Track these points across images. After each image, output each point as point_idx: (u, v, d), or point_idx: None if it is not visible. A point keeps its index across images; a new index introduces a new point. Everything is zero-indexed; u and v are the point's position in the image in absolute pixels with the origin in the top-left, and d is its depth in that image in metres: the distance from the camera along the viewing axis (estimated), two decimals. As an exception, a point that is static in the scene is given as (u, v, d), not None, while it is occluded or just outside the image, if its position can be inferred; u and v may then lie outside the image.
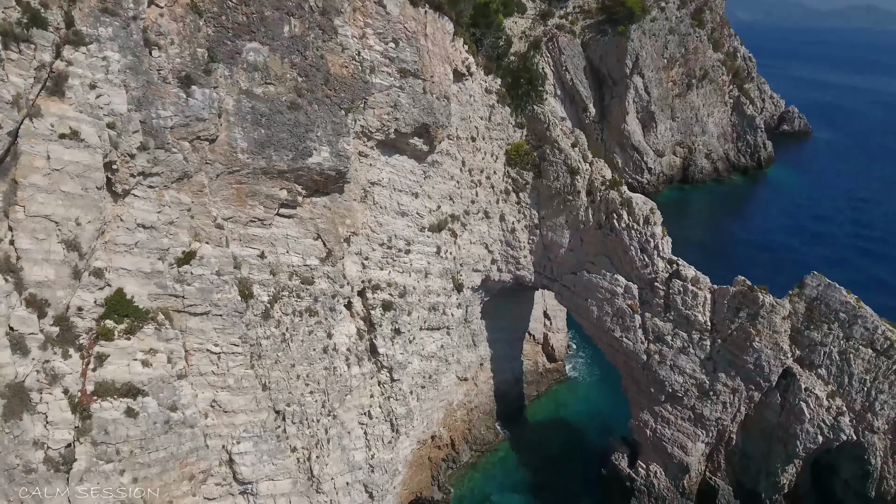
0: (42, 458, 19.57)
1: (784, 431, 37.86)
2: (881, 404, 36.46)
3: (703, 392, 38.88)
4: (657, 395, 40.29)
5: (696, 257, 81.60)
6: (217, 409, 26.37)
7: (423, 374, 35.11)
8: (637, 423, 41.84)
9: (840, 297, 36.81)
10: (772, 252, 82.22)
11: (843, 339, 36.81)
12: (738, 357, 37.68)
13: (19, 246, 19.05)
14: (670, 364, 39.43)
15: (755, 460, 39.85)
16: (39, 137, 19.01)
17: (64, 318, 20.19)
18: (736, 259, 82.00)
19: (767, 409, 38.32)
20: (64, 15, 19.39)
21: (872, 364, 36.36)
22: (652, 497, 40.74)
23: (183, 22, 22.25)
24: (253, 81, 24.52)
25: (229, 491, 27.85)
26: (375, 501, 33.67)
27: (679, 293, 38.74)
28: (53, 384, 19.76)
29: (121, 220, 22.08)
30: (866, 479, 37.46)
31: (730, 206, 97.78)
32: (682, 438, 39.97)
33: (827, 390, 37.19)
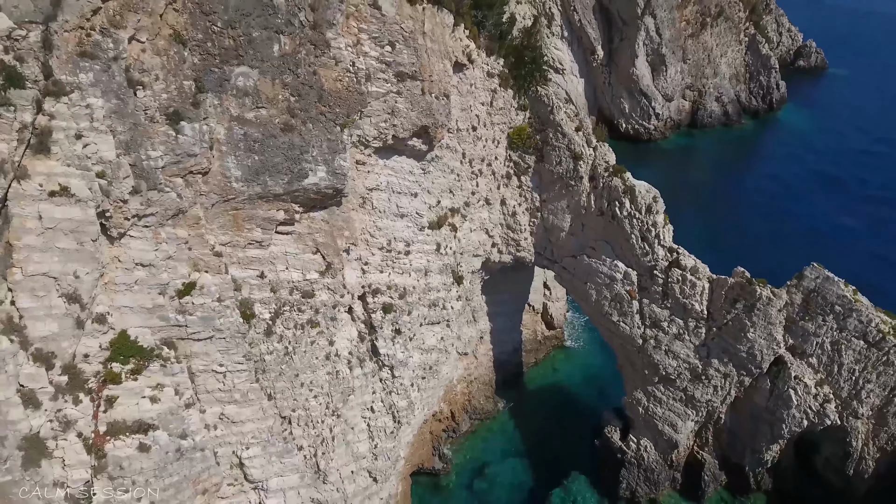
0: (63, 497, 20.72)
1: (771, 414, 39.35)
2: (867, 393, 37.66)
3: (696, 376, 40.04)
4: (651, 376, 41.52)
5: (697, 210, 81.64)
6: (225, 421, 27.52)
7: (423, 367, 36.15)
8: (630, 401, 43.40)
9: (837, 291, 37.04)
10: (775, 207, 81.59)
11: (836, 330, 37.43)
12: (731, 345, 38.48)
13: (20, 305, 19.24)
14: (665, 349, 40.35)
15: (742, 438, 41.71)
16: (29, 199, 18.71)
17: (71, 366, 20.72)
18: (738, 213, 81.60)
19: (757, 392, 39.62)
20: (41, 66, 18.48)
21: (863, 355, 37.19)
22: (642, 469, 42.97)
23: (167, 55, 21.15)
24: (244, 107, 23.64)
25: (241, 489, 29.58)
26: (379, 483, 35.75)
27: (678, 282, 38.97)
28: (67, 430, 20.60)
29: (119, 260, 22.09)
30: (846, 459, 39.36)
31: (736, 154, 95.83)
32: (673, 417, 41.61)
33: (816, 378, 38.30)
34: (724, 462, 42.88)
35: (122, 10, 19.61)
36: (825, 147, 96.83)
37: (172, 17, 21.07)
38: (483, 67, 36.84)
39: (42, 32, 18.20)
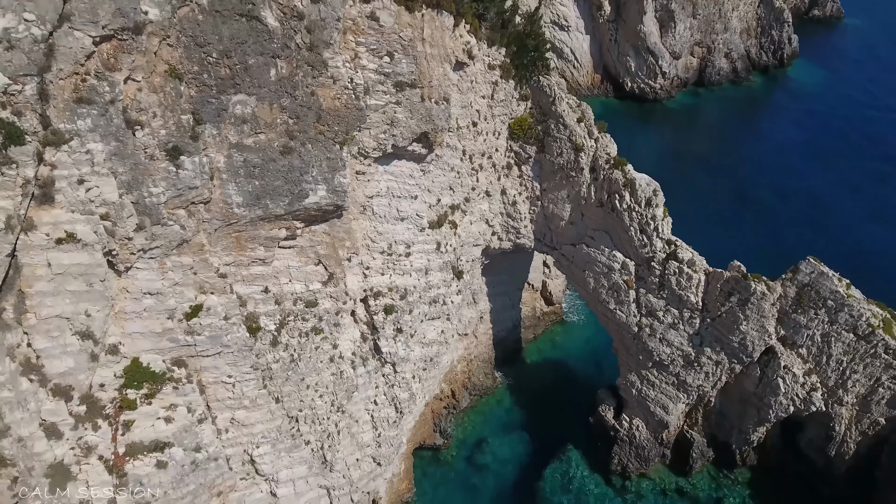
0: (88, 510, 22.30)
1: (759, 400, 40.92)
2: (853, 382, 39.00)
3: (688, 362, 41.36)
4: (645, 361, 42.87)
5: (698, 175, 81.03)
6: (236, 425, 28.97)
7: (424, 359, 37.39)
8: (624, 383, 44.99)
9: (830, 286, 37.70)
10: (776, 177, 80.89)
11: (827, 323, 38.34)
12: (724, 335, 39.55)
13: (36, 346, 20.09)
14: (659, 337, 41.48)
15: (730, 419, 43.51)
16: (37, 248, 19.19)
17: (88, 396, 21.80)
18: (740, 179, 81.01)
19: (747, 379, 41.02)
20: (39, 117, 18.50)
21: (852, 347, 38.26)
22: (633, 446, 45.06)
23: (163, 91, 21.00)
24: (242, 133, 23.61)
25: (253, 481, 31.41)
26: (383, 467, 37.82)
27: (674, 274, 39.60)
28: (89, 455, 21.93)
29: (127, 291, 22.76)
30: (829, 441, 41.21)
31: (740, 116, 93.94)
32: (665, 400, 43.27)
33: (805, 368, 39.56)
34: (712, 440, 44.89)
35: (115, 52, 19.36)
36: (832, 108, 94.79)
37: (167, 53, 20.77)
38: (484, 60, 36.09)
39: (38, 84, 18.11)
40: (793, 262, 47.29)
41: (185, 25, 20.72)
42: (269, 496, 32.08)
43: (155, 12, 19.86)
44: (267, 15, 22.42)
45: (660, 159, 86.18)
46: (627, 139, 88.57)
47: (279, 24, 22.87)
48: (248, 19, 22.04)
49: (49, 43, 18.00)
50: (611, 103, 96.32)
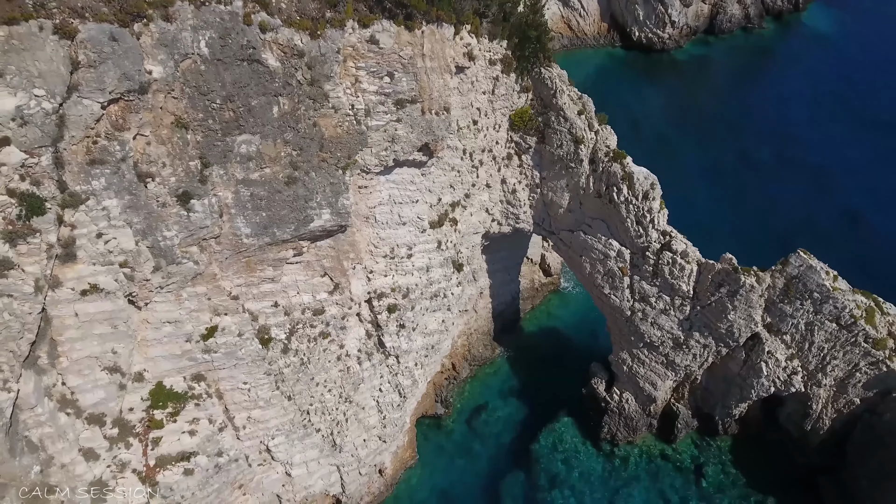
0: (127, 515, 25.05)
1: (743, 380, 43.36)
2: (833, 367, 41.15)
3: (678, 345, 43.50)
4: (636, 342, 45.04)
5: (700, 133, 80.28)
6: (252, 422, 31.45)
7: (426, 348, 39.51)
8: (616, 359, 47.40)
9: (817, 280, 39.03)
10: (783, 132, 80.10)
11: (812, 313, 39.98)
12: (712, 322, 41.41)
13: (70, 384, 21.98)
14: (651, 321, 43.40)
15: (714, 395, 46.19)
16: (65, 302, 20.61)
17: (119, 419, 23.95)
18: (743, 137, 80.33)
19: (732, 361, 43.29)
20: (56, 183, 19.39)
21: (833, 335, 40.11)
22: (622, 417, 48.09)
23: (170, 142, 21.66)
24: (248, 170, 24.38)
25: (270, 466, 34.35)
26: (387, 443, 40.93)
27: (668, 264, 40.92)
28: (123, 470, 24.36)
29: (147, 322, 24.39)
30: (806, 417, 43.95)
31: (750, 69, 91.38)
32: (654, 377, 45.81)
33: (787, 353, 41.64)
34: (697, 412, 47.83)
35: (123, 112, 19.92)
36: (845, 60, 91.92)
37: (172, 105, 21.25)
38: (485, 56, 35.78)
39: (52, 154, 18.88)
40: (785, 231, 47.93)
41: (188, 77, 21.07)
42: (284, 476, 35.19)
43: (159, 70, 20.22)
44: (268, 57, 22.62)
45: (663, 115, 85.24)
46: (631, 94, 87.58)
47: (280, 63, 23.09)
48: (250, 63, 22.29)
49: (60, 114, 18.61)
50: (617, 54, 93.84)
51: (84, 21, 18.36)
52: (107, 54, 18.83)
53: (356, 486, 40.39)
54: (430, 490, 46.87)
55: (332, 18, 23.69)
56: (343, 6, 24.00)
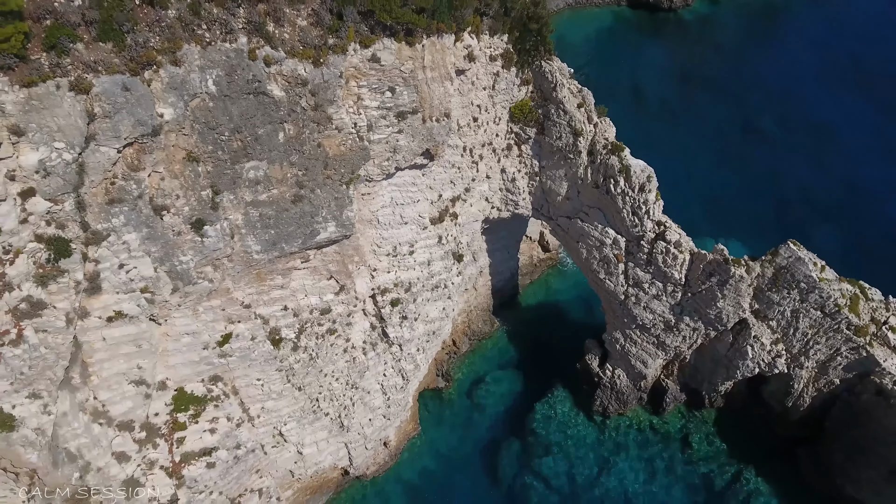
0: (157, 503, 27.66)
1: (729, 361, 45.56)
2: (815, 351, 43.21)
3: (669, 328, 45.48)
4: (629, 323, 47.02)
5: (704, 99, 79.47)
6: (266, 411, 33.85)
7: (427, 334, 41.51)
8: (609, 338, 49.53)
9: (805, 271, 40.44)
10: (787, 96, 79.30)
11: (798, 301, 41.64)
12: (702, 308, 43.18)
13: (101, 398, 23.99)
14: (644, 305, 45.18)
15: (702, 373, 48.58)
16: (93, 329, 22.28)
17: (146, 424, 26.14)
18: (747, 101, 79.60)
19: (720, 343, 45.36)
20: (80, 224, 20.63)
21: (817, 322, 41.93)
22: (614, 391, 50.71)
23: (183, 175, 22.70)
24: (257, 192, 25.47)
25: (283, 447, 37.06)
26: (391, 420, 43.67)
27: (662, 253, 42.25)
28: (152, 467, 26.77)
29: (167, 335, 26.16)
30: (787, 395, 46.42)
31: (759, 31, 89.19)
32: (645, 356, 48.06)
33: (772, 338, 43.59)
34: (685, 387, 50.39)
35: (138, 154, 20.91)
36: (856, 22, 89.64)
37: (183, 141, 22.16)
38: (485, 52, 35.93)
39: (74, 199, 20.03)
40: (785, 200, 48.78)
41: (197, 115, 21.89)
42: (296, 454, 38.01)
43: (170, 112, 21.04)
44: (273, 88, 23.29)
45: (667, 78, 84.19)
46: (635, 55, 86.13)
47: (284, 93, 23.77)
48: (256, 95, 23.01)
49: (79, 163, 19.64)
50: (622, 13, 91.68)
51: (97, 75, 19.07)
52: (120, 104, 19.65)
53: (363, 459, 43.41)
54: (432, 457, 50.10)
55: (335, 45, 24.14)
56: (345, 31, 24.38)
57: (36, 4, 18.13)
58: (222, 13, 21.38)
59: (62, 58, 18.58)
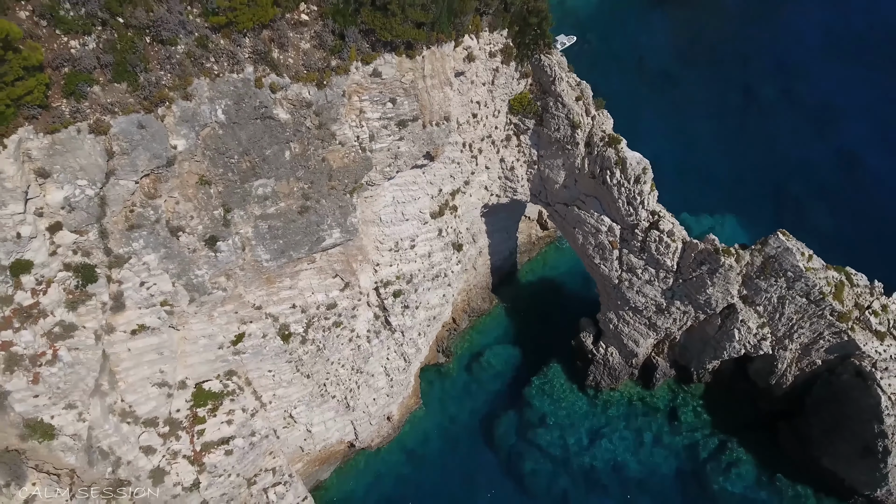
0: (182, 487, 30.25)
1: (717, 342, 47.72)
2: (799, 335, 45.27)
3: (660, 310, 47.43)
4: (622, 305, 48.96)
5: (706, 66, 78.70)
6: (277, 398, 36.22)
7: (428, 319, 43.47)
8: (603, 318, 51.60)
9: (792, 261, 41.94)
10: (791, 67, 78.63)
11: (784, 288, 43.35)
12: (693, 293, 44.98)
13: (128, 400, 26.08)
14: (636, 290, 46.99)
15: (691, 352, 50.86)
16: (119, 342, 24.11)
17: (169, 419, 28.37)
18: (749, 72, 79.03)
19: (709, 325, 47.41)
20: (103, 250, 22.11)
21: (802, 308, 43.77)
22: (607, 368, 53.17)
23: (196, 198, 23.97)
24: (265, 207, 26.77)
25: (294, 427, 39.68)
26: (394, 398, 46.27)
27: (655, 241, 43.71)
28: (176, 457, 29.16)
29: (185, 339, 28.05)
30: (771, 374, 48.80)
31: None
32: (637, 336, 50.23)
33: (759, 322, 45.54)
34: (674, 364, 52.82)
35: (154, 183, 22.15)
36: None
37: (195, 167, 23.32)
38: (485, 49, 36.33)
39: (98, 228, 21.43)
40: (782, 173, 49.62)
41: (208, 142, 22.97)
42: (305, 433, 40.71)
43: (182, 143, 22.14)
44: (279, 112, 24.25)
45: (669, 47, 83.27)
46: (639, 24, 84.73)
47: (290, 115, 24.71)
48: (263, 119, 23.99)
49: (101, 196, 20.92)
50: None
51: (114, 116, 20.07)
52: (137, 141, 20.74)
53: (367, 433, 46.25)
54: (433, 428, 53.09)
55: (338, 66, 24.89)
56: (346, 52, 25.06)
57: (54, 53, 18.99)
58: (229, 44, 22.13)
59: (81, 102, 19.56)
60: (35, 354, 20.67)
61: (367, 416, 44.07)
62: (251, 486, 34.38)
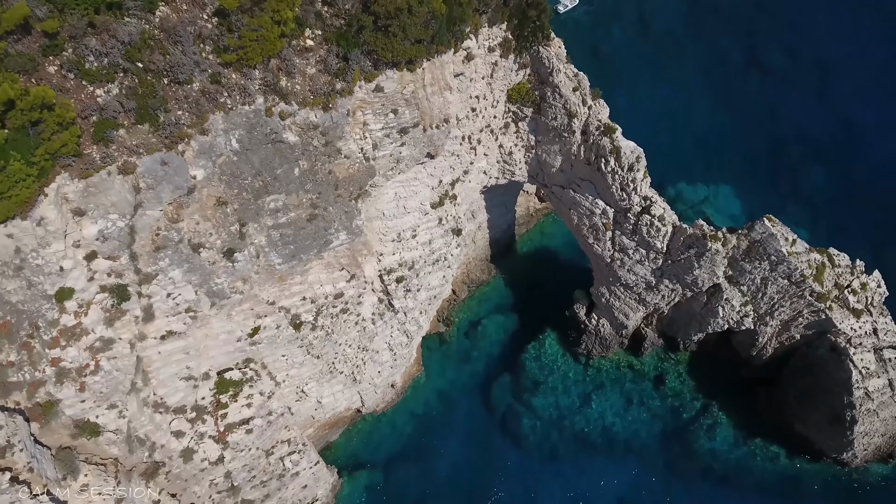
0: (208, 462, 33.80)
1: (702, 318, 50.54)
2: (780, 312, 47.98)
3: (649, 287, 50.00)
4: (614, 282, 51.49)
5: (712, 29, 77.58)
6: (290, 377, 39.33)
7: (429, 298, 46.10)
8: (596, 292, 54.25)
9: (776, 246, 44.04)
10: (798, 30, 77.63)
11: (768, 270, 45.68)
12: (681, 274, 47.39)
13: (159, 394, 29.02)
14: (628, 268, 49.37)
15: (678, 324, 53.78)
16: (150, 347, 26.73)
17: (195, 406, 31.46)
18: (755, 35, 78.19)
19: (695, 301, 50.08)
20: (134, 269, 24.35)
21: (784, 289, 46.27)
22: (598, 338, 56.29)
23: (214, 217, 25.95)
24: (277, 218, 28.75)
25: (305, 399, 43.08)
26: (397, 369, 49.62)
27: (646, 225, 45.73)
28: (203, 438, 32.48)
29: (207, 336, 30.71)
30: (752, 346, 51.87)
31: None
32: (627, 309, 53.01)
33: (742, 300, 48.14)
34: (662, 334, 55.88)
35: (177, 210, 24.11)
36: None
37: (213, 191, 25.17)
38: (485, 45, 37.15)
39: (128, 253, 23.59)
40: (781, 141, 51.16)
41: (223, 169, 24.72)
42: (316, 403, 44.18)
43: (201, 172, 23.91)
44: (288, 135, 25.83)
45: (674, 8, 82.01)
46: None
47: (298, 137, 26.29)
48: (273, 143, 25.62)
49: (130, 225, 22.94)
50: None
51: (140, 156, 21.75)
52: (161, 176, 22.51)
53: (373, 400, 49.90)
54: (434, 392, 56.83)
55: (342, 89, 26.21)
56: (350, 74, 26.31)
57: (83, 104, 20.48)
58: (240, 77, 23.47)
59: (109, 146, 21.21)
60: (80, 367, 23.34)
61: (372, 387, 47.49)
62: (269, 457, 38.07)
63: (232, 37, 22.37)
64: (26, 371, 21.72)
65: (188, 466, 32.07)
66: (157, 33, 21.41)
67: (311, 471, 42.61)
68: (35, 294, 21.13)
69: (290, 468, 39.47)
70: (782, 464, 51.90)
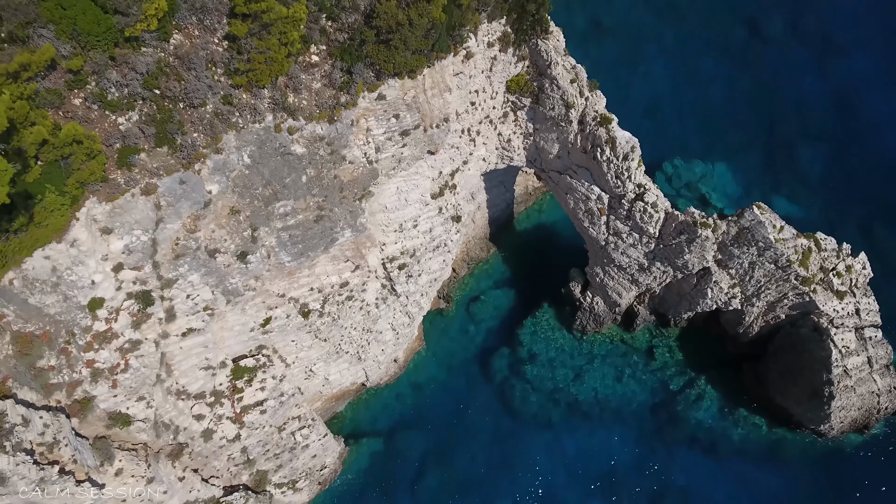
0: (226, 440, 36.68)
1: (692, 297, 52.76)
2: (766, 294, 50.15)
3: (642, 269, 52.04)
4: (608, 263, 53.52)
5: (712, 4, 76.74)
6: (299, 359, 41.86)
7: (430, 281, 48.16)
8: (591, 271, 56.33)
9: (764, 233, 45.79)
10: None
11: (755, 255, 47.57)
12: (672, 258, 49.34)
13: (180, 383, 31.50)
14: (621, 251, 51.30)
15: (668, 303, 56.05)
16: (172, 344, 28.97)
17: (214, 391, 34.03)
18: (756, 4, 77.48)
19: (685, 283, 52.21)
20: (156, 277, 26.33)
21: (770, 273, 48.29)
22: (593, 314, 58.70)
23: (228, 225, 27.71)
24: (286, 220, 30.50)
25: (313, 377, 45.80)
26: (399, 346, 52.21)
27: (640, 211, 47.39)
28: (221, 419, 35.20)
29: (223, 328, 32.97)
30: (739, 324, 54.27)
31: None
32: (620, 289, 55.20)
33: (730, 283, 50.24)
34: (654, 311, 58.26)
35: (194, 222, 25.86)
36: None
37: (227, 201, 26.83)
38: (483, 41, 37.93)
39: (151, 263, 25.51)
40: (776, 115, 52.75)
41: (236, 182, 26.32)
42: (323, 380, 46.92)
43: (216, 187, 25.54)
44: (296, 148, 27.30)
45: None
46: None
47: (305, 149, 27.76)
48: (282, 156, 27.14)
49: (153, 239, 24.76)
50: None
51: (160, 177, 23.32)
52: (179, 194, 24.14)
53: (377, 375, 52.73)
54: (434, 364, 59.78)
55: (347, 102, 27.48)
56: (354, 87, 27.51)
57: (106, 133, 21.91)
58: (251, 98, 24.77)
59: (132, 170, 22.76)
60: (112, 366, 25.61)
61: (376, 363, 50.18)
62: (281, 432, 41.03)
63: (242, 59, 23.59)
64: (65, 373, 24.04)
65: (208, 445, 34.90)
66: (172, 60, 22.65)
67: (320, 442, 45.74)
68: (70, 306, 23.19)
69: (300, 441, 42.50)
70: (763, 433, 55.09)
